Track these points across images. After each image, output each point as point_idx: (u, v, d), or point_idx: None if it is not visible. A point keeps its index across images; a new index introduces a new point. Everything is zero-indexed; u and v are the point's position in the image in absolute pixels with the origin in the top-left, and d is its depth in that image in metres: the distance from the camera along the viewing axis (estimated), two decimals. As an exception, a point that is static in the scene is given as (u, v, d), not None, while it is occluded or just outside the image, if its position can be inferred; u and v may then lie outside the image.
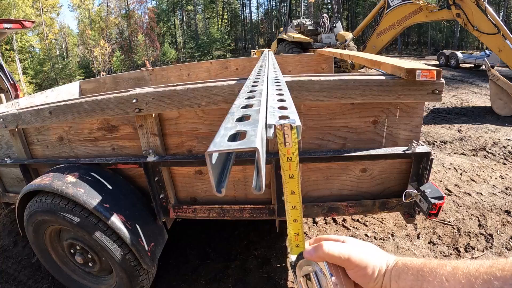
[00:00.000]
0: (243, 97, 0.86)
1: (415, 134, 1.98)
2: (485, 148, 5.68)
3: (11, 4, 37.08)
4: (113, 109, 2.08)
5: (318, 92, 1.82)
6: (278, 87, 1.12)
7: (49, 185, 2.22)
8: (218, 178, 0.54)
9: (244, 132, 0.54)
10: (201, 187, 2.31)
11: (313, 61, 4.70)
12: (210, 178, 0.49)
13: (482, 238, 3.27)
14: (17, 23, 6.47)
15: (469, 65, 16.80)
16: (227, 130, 0.54)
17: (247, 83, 1.27)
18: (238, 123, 0.60)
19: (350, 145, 2.03)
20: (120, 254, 2.22)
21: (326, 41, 12.52)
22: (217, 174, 0.54)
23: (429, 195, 1.83)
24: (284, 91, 1.02)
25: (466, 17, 8.18)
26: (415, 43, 43.93)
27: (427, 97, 1.81)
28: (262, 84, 1.15)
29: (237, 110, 0.73)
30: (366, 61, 2.63)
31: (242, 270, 3.03)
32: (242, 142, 0.49)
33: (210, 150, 0.47)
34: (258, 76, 1.55)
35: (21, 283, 3.22)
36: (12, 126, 2.54)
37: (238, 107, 0.76)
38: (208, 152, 0.47)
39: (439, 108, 8.78)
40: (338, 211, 2.16)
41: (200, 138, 2.14)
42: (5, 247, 3.88)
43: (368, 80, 1.81)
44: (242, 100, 0.82)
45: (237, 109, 0.74)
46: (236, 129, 0.55)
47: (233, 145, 0.48)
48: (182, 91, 1.92)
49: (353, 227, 3.56)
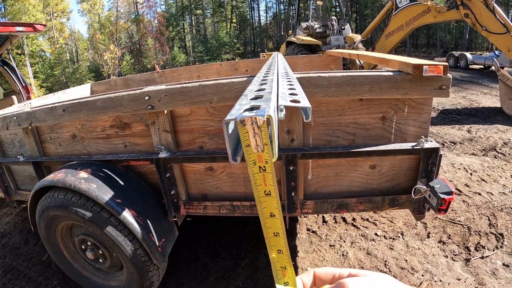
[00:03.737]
0: (255, 84, 0.88)
1: (423, 130, 1.99)
2: (495, 148, 5.64)
3: (22, 9, 37.62)
4: (126, 106, 2.12)
5: (327, 88, 1.84)
6: (289, 80, 1.14)
7: (62, 180, 2.26)
8: (234, 147, 0.55)
9: (258, 106, 0.55)
10: (211, 184, 2.33)
11: (322, 62, 4.72)
12: (227, 147, 0.51)
13: (493, 237, 3.24)
14: (29, 26, 6.57)
15: (478, 66, 16.66)
16: (242, 106, 0.56)
17: (258, 75, 1.30)
18: (252, 101, 0.61)
19: (359, 141, 2.04)
20: (131, 249, 2.25)
21: (335, 44, 12.50)
22: (233, 143, 0.54)
23: (439, 191, 1.83)
24: (294, 82, 1.04)
25: (474, 17, 8.09)
26: (424, 44, 43.69)
27: (435, 92, 1.82)
28: (273, 75, 1.17)
29: (250, 92, 0.74)
30: (374, 59, 2.65)
31: (252, 268, 3.04)
32: (256, 112, 0.50)
33: (227, 119, 0.49)
34: (268, 71, 1.58)
35: (32, 280, 3.27)
36: (25, 124, 2.59)
37: (251, 91, 0.76)
38: (225, 121, 0.49)
39: (448, 109, 8.73)
40: (347, 207, 2.17)
41: (211, 135, 2.17)
42: (16, 245, 3.95)
43: (376, 76, 1.83)
44: (255, 86, 0.84)
45: (250, 92, 0.75)
46: (251, 104, 0.57)
47: (247, 114, 0.49)
48: (194, 88, 1.96)
49: (362, 226, 3.55)
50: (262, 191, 0.54)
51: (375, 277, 0.55)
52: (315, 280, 0.62)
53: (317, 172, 2.15)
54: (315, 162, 2.12)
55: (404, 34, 10.13)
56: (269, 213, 0.56)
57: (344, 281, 0.54)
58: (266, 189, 0.54)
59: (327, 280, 0.61)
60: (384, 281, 0.54)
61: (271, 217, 0.57)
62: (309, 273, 0.62)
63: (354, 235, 3.43)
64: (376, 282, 0.53)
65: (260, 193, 0.54)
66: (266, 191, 0.54)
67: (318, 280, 0.61)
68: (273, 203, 0.55)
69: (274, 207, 0.55)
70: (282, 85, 0.95)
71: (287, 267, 0.58)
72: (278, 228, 0.57)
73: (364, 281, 0.53)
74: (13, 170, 3.23)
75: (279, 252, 0.58)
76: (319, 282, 0.61)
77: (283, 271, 0.58)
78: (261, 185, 0.53)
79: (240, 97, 0.68)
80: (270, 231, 0.58)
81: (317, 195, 2.21)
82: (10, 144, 3.02)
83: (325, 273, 0.61)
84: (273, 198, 0.54)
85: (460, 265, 2.90)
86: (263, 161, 0.50)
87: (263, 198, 0.54)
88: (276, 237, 0.58)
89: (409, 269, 2.89)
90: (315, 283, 0.62)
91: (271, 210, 0.56)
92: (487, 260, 2.93)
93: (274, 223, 0.57)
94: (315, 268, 0.65)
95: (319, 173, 2.16)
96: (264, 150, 0.49)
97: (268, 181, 0.52)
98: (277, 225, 0.57)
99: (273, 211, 0.56)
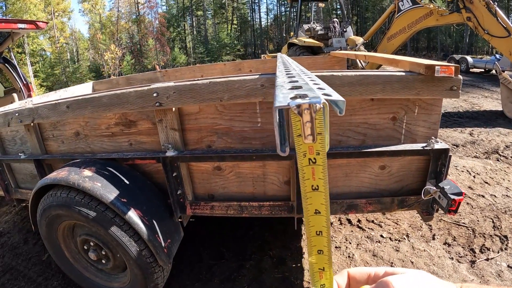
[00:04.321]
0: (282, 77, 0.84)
1: (433, 131, 1.97)
2: (498, 151, 5.65)
3: (23, 8, 37.70)
4: (132, 103, 2.08)
5: (340, 87, 1.81)
6: (309, 76, 1.11)
7: (65, 178, 2.21)
8: (281, 135, 0.52)
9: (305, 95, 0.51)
10: (219, 184, 2.29)
11: (326, 63, 4.72)
12: (276, 136, 0.48)
13: (497, 239, 3.25)
14: (32, 24, 6.54)
15: (479, 69, 16.67)
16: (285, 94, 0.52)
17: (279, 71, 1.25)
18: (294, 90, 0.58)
19: (370, 142, 2.02)
20: (136, 250, 2.20)
21: (337, 46, 12.55)
22: (283, 132, 0.51)
23: (449, 191, 1.82)
24: (315, 78, 1.01)
25: (476, 21, 8.12)
26: (425, 48, 43.74)
27: (446, 93, 1.81)
28: (295, 71, 1.14)
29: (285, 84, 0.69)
30: (383, 60, 2.63)
31: (257, 270, 3.01)
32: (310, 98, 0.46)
33: (278, 105, 0.46)
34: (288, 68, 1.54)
35: (31, 280, 3.23)
36: (27, 121, 2.55)
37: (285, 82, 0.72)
38: (276, 107, 0.46)
39: (450, 112, 8.75)
40: (357, 208, 2.15)
41: (220, 133, 2.14)
42: (15, 244, 3.92)
43: (388, 76, 1.81)
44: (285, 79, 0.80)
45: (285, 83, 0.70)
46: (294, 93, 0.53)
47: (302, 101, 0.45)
48: (204, 85, 1.92)
49: (368, 228, 3.54)
50: (310, 186, 0.50)
51: (414, 273, 0.54)
52: (349, 280, 0.60)
53: (327, 173, 2.12)
54: (325, 163, 2.09)
55: (406, 37, 10.15)
56: (314, 210, 0.52)
57: (388, 279, 0.53)
58: (314, 183, 0.50)
59: (362, 280, 0.59)
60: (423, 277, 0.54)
61: (316, 215, 0.53)
62: (343, 274, 0.61)
63: (359, 237, 3.41)
64: (417, 278, 0.53)
65: (307, 188, 0.50)
66: (313, 185, 0.50)
67: (352, 280, 0.60)
68: (319, 199, 0.51)
69: (320, 203, 0.51)
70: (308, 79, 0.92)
71: (325, 268, 0.55)
72: (321, 226, 0.53)
73: (407, 278, 0.53)
74: (13, 168, 3.19)
75: (319, 252, 0.54)
76: (353, 282, 0.60)
77: (321, 273, 0.55)
78: (309, 179, 0.49)
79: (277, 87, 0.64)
80: (313, 230, 0.54)
81: (325, 196, 2.18)
82: (11, 141, 2.98)
83: (360, 273, 0.60)
84: (321, 194, 0.50)
85: (466, 267, 2.90)
86: (314, 152, 0.47)
87: (309, 194, 0.51)
88: (318, 236, 0.54)
89: (415, 271, 2.86)
90: (350, 284, 0.60)
91: (316, 206, 0.52)
92: (492, 262, 2.93)
93: (318, 221, 0.53)
94: (349, 268, 0.62)
95: (329, 174, 2.11)
96: (317, 140, 0.46)
97: (317, 174, 0.49)
98: (321, 223, 0.53)
99: (319, 208, 0.52)
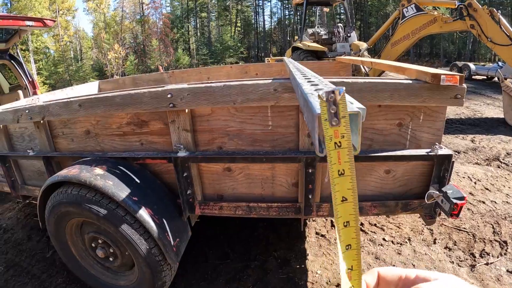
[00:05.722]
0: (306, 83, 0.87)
1: (437, 137, 2.04)
2: (499, 158, 5.70)
3: (28, 5, 37.74)
4: (146, 104, 2.14)
5: (349, 94, 1.87)
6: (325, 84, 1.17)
7: (77, 176, 2.25)
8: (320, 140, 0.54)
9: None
10: (228, 185, 2.35)
11: (332, 68, 4.77)
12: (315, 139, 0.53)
13: (497, 244, 3.30)
14: (39, 21, 6.59)
15: (481, 76, 16.73)
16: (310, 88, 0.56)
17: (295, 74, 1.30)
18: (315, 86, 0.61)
19: (376, 146, 2.08)
20: (146, 248, 2.24)
21: (341, 51, 12.56)
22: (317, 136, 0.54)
23: (451, 196, 1.89)
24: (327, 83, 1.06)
25: (480, 28, 8.18)
26: (428, 54, 43.77)
27: (450, 101, 1.87)
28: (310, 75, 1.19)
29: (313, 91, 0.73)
30: (390, 67, 2.68)
31: (262, 270, 3.06)
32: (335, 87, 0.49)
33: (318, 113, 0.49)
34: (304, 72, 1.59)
35: (35, 277, 3.24)
36: (38, 118, 2.59)
37: (311, 89, 0.75)
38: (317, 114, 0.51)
39: (452, 119, 8.81)
40: (362, 211, 2.20)
41: (232, 135, 2.19)
42: (19, 241, 3.93)
43: (396, 84, 1.88)
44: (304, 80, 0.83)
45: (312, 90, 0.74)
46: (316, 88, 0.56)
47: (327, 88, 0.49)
48: (218, 87, 1.98)
49: (371, 231, 3.59)
50: (336, 171, 0.48)
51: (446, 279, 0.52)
52: (379, 280, 0.59)
53: (333, 176, 2.18)
54: (332, 165, 2.14)
55: (410, 43, 10.20)
56: (341, 197, 0.48)
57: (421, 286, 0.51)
58: (340, 168, 0.48)
59: (393, 281, 0.58)
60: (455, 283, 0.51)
61: (343, 203, 0.49)
62: (373, 273, 0.59)
63: (362, 239, 3.45)
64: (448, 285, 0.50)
65: (334, 173, 0.48)
66: (340, 170, 0.48)
67: (382, 280, 0.59)
68: (346, 184, 0.48)
69: (347, 188, 0.48)
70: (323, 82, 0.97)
71: (354, 267, 0.50)
72: (349, 215, 0.49)
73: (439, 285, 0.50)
74: (20, 164, 3.22)
75: (347, 248, 0.49)
76: (383, 282, 0.58)
77: (349, 273, 0.50)
78: (335, 164, 0.48)
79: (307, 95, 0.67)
80: (340, 221, 0.49)
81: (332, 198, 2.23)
82: (19, 138, 3.02)
83: (391, 274, 0.58)
84: (347, 178, 0.48)
85: (466, 271, 2.96)
86: (339, 135, 0.47)
87: (336, 180, 0.48)
88: (346, 228, 0.49)
89: (417, 275, 2.90)
90: (379, 283, 0.59)
91: (343, 193, 0.48)
92: (492, 267, 2.98)
93: (346, 210, 0.49)
94: (379, 267, 0.60)
95: (335, 177, 2.18)
96: (341, 123, 0.47)
97: (343, 157, 0.48)
98: (348, 211, 0.49)
99: (346, 194, 0.48)
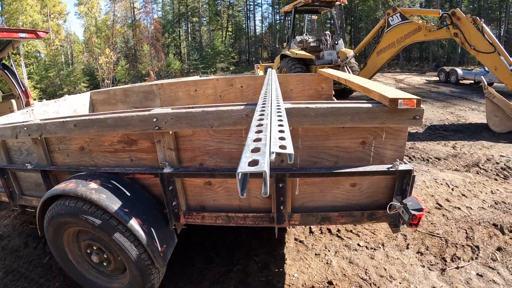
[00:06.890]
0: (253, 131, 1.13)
1: (399, 154, 2.26)
2: (478, 164, 5.86)
3: (19, 9, 37.47)
4: (135, 126, 2.37)
5: (314, 118, 2.11)
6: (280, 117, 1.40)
7: (74, 190, 2.48)
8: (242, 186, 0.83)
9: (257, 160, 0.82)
10: (209, 197, 2.58)
11: (314, 80, 4.94)
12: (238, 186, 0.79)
13: (469, 249, 3.45)
14: (32, 33, 6.71)
15: (469, 81, 17.07)
16: (247, 159, 0.84)
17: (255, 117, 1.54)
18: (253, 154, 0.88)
19: (342, 163, 2.31)
20: (136, 253, 2.48)
21: (328, 58, 12.77)
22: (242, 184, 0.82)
23: (410, 207, 2.11)
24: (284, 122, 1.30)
25: (463, 37, 8.38)
26: (417, 58, 44.18)
27: (409, 122, 2.08)
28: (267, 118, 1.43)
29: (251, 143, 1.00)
30: (359, 87, 2.88)
31: (243, 274, 3.25)
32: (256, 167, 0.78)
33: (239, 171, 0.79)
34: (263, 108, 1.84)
35: (33, 282, 3.38)
36: (35, 135, 2.77)
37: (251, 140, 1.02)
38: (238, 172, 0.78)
39: (436, 125, 9.00)
40: (330, 220, 2.43)
41: (211, 153, 2.43)
42: (16, 248, 4.05)
43: (357, 108, 2.09)
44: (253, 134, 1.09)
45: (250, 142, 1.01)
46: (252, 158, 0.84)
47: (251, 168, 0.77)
48: (198, 113, 2.22)
49: (346, 237, 3.78)
50: None
51: None
52: None
53: (303, 189, 2.42)
54: (302, 180, 2.38)
55: (395, 51, 10.47)
56: None
57: None
58: None
59: None
60: None
61: None
62: None
63: (338, 245, 3.65)
64: None
65: None
66: None
67: None
68: None
69: None
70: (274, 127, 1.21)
71: None
72: None
73: None
74: (18, 176, 3.38)
75: None
76: None
77: None
78: None
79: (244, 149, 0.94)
80: None
81: (303, 208, 2.47)
82: (17, 151, 3.19)
83: None
84: None
85: (436, 275, 3.10)
86: None
87: None
88: None
89: (388, 277, 3.11)
90: None
91: None
92: (462, 271, 3.13)
93: None
94: None
95: (305, 190, 2.42)
96: None
97: None
98: None
99: None
